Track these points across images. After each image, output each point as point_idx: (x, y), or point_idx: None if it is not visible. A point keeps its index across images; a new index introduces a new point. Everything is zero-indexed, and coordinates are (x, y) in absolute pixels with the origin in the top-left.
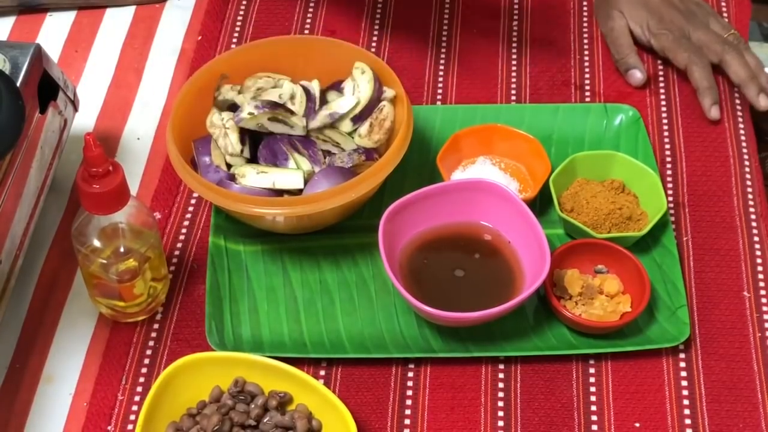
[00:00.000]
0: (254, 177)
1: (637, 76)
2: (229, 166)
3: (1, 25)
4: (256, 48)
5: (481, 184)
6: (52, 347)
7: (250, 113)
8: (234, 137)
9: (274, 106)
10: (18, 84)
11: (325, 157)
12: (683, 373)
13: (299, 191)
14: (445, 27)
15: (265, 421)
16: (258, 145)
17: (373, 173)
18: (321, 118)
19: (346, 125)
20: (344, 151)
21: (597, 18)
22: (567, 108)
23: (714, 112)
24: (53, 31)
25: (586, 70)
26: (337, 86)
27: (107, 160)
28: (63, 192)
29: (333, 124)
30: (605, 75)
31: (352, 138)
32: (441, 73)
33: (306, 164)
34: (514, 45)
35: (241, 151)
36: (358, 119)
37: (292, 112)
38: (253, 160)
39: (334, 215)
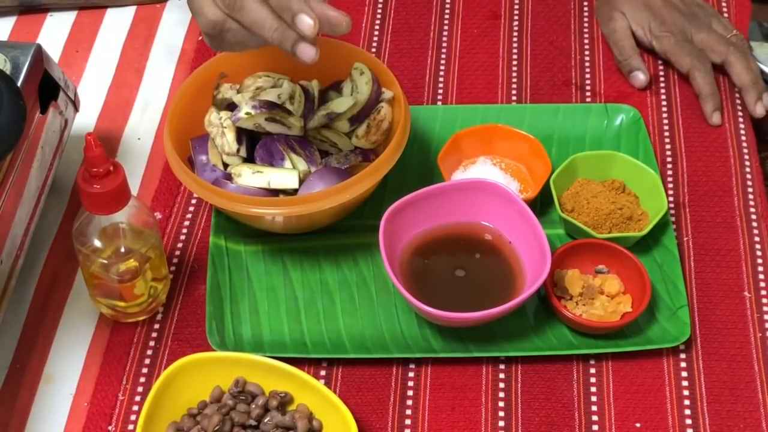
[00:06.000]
0: (250, 176)
1: (640, 77)
2: (225, 165)
3: (1, 25)
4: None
5: (482, 184)
6: (52, 347)
7: (247, 113)
8: (231, 136)
9: (271, 106)
10: (19, 84)
11: (322, 158)
12: (684, 374)
13: (294, 191)
14: (446, 27)
15: (265, 421)
16: (256, 144)
17: (368, 174)
18: (318, 118)
19: (344, 126)
20: (341, 151)
21: (598, 19)
22: (568, 108)
23: (716, 118)
24: (54, 31)
25: (587, 70)
26: (336, 86)
27: (108, 160)
28: (64, 192)
29: (330, 124)
30: (606, 75)
31: (350, 139)
32: (441, 73)
33: (302, 164)
34: (515, 45)
35: (238, 150)
36: (356, 120)
37: (289, 113)
38: (250, 159)
39: (329, 216)
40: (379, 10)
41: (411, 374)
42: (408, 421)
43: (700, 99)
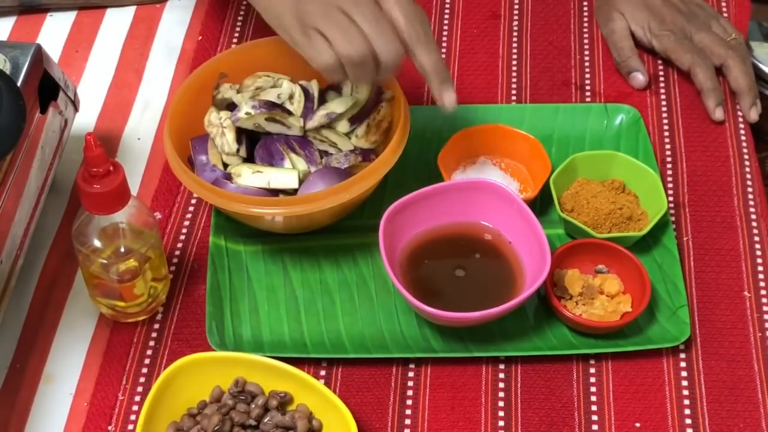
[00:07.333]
0: (250, 176)
1: (639, 78)
2: (225, 165)
3: (1, 25)
4: (255, 47)
5: (482, 184)
6: (52, 347)
7: (247, 113)
8: (230, 136)
9: (271, 106)
10: (19, 84)
11: (321, 158)
12: (684, 373)
13: (294, 191)
14: (446, 27)
15: (265, 421)
16: (256, 144)
17: (368, 174)
18: (318, 118)
19: (344, 126)
20: (341, 151)
21: (598, 19)
22: (567, 108)
23: (718, 114)
24: (54, 31)
25: (587, 70)
26: (335, 86)
27: (108, 160)
28: (63, 192)
29: (330, 124)
30: (606, 75)
31: (350, 139)
32: None
33: (302, 164)
34: (515, 45)
35: (238, 150)
36: (356, 120)
37: (289, 113)
38: (249, 159)
39: (329, 216)
40: None
41: (411, 374)
42: (408, 421)
43: (702, 94)
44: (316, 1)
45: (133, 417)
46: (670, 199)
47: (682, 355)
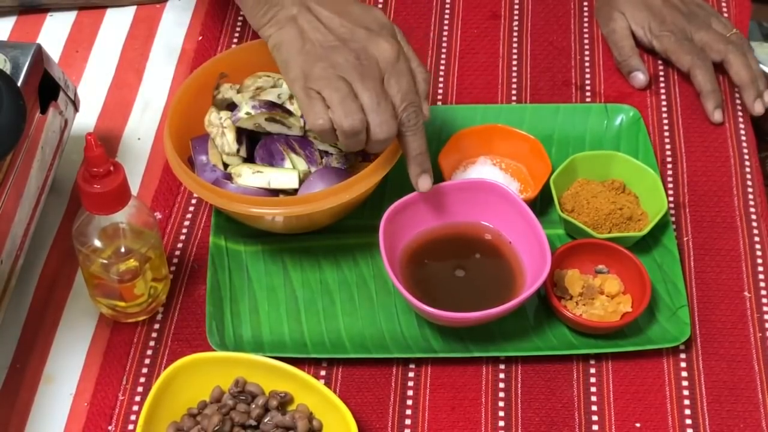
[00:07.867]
0: (250, 176)
1: (640, 78)
2: (225, 165)
3: (1, 25)
4: (256, 47)
5: (482, 184)
6: (52, 347)
7: (247, 113)
8: (231, 136)
9: (271, 106)
10: (19, 84)
11: (321, 158)
12: (684, 374)
13: (294, 191)
14: (446, 27)
15: (265, 421)
16: (256, 144)
17: (368, 174)
18: None
19: None
20: (341, 151)
21: (598, 19)
22: (567, 108)
23: (717, 116)
24: (54, 31)
25: (587, 70)
26: None
27: (108, 160)
28: (64, 192)
29: None
30: (606, 75)
31: None
32: (441, 73)
33: (302, 164)
34: (515, 45)
35: (238, 150)
36: None
37: (289, 113)
38: (250, 159)
39: (329, 216)
40: None
41: (411, 374)
42: (408, 421)
43: (702, 96)
44: (326, 66)
45: (133, 417)
46: (670, 199)
47: (682, 356)
